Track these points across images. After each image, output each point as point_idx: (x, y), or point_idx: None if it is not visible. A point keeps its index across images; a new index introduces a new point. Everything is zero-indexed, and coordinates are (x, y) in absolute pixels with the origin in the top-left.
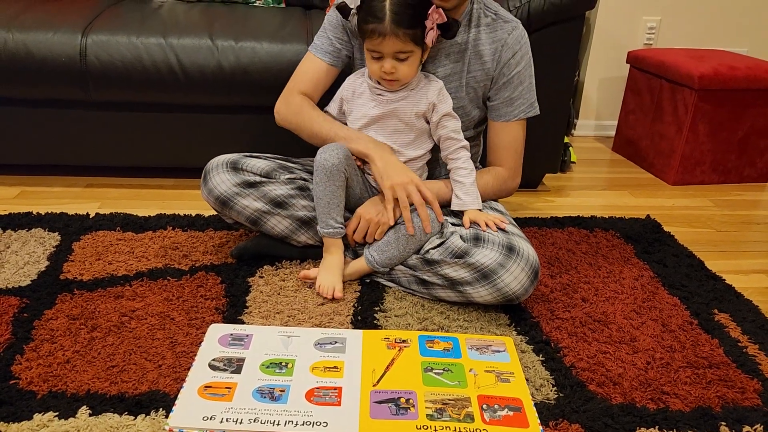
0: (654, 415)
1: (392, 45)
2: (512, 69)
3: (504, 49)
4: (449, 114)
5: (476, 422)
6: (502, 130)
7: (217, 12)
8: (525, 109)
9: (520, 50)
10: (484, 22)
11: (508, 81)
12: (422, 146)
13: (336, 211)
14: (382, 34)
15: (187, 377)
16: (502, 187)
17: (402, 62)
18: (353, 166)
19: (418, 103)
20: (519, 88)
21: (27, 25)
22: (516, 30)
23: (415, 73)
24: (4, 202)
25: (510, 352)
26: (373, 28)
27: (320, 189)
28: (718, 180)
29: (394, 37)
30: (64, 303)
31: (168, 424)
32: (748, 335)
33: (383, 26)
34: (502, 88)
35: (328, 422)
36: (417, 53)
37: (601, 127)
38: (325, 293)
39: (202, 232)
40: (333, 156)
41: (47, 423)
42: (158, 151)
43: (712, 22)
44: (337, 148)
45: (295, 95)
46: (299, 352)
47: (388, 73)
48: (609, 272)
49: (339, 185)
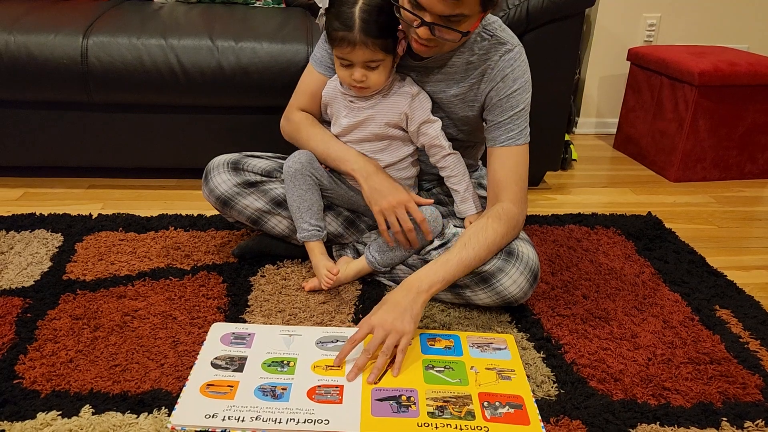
0: (655, 411)
1: (362, 54)
2: (501, 93)
3: (495, 72)
4: (427, 121)
5: (477, 420)
6: (499, 156)
7: (217, 13)
8: (515, 135)
9: (512, 73)
10: (478, 45)
11: (497, 104)
12: (398, 152)
13: (308, 214)
14: (352, 43)
15: (190, 375)
16: (516, 230)
17: (372, 71)
18: (321, 167)
19: (388, 113)
20: (509, 112)
21: (28, 27)
22: (509, 53)
23: (387, 81)
24: (7, 203)
25: (511, 350)
26: (342, 36)
27: (289, 195)
28: (719, 176)
29: (363, 47)
30: (67, 303)
31: (170, 422)
32: (749, 331)
33: (352, 35)
34: (491, 112)
35: (330, 420)
36: (388, 61)
37: (602, 125)
38: (326, 282)
39: (203, 232)
40: (295, 162)
41: (50, 422)
42: (160, 151)
43: (713, 18)
44: (300, 154)
45: (294, 112)
46: (301, 351)
47: (358, 82)
48: (610, 269)
49: (306, 188)
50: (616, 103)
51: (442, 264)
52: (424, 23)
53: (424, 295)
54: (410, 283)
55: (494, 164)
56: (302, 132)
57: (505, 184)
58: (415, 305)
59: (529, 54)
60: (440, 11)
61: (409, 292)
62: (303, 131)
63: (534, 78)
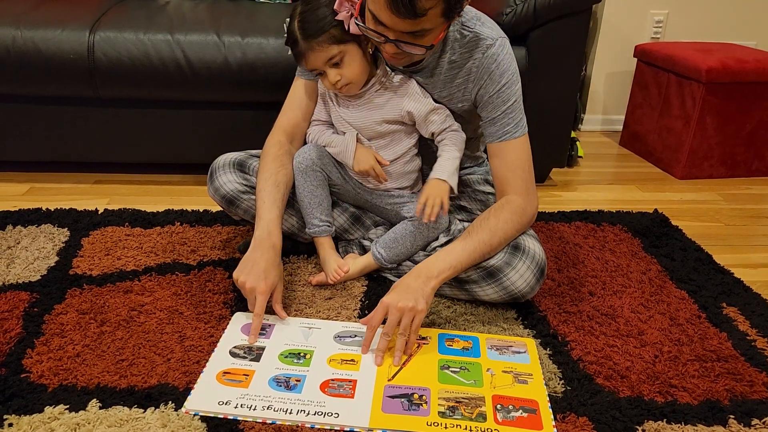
0: (662, 408)
1: (316, 58)
2: (491, 89)
3: (481, 70)
4: (433, 110)
5: (488, 422)
6: (499, 152)
7: (224, 8)
8: (511, 129)
9: (497, 69)
10: (459, 43)
11: (488, 101)
12: (401, 145)
13: (319, 209)
14: (302, 54)
15: (208, 362)
16: (522, 219)
17: (341, 66)
18: (330, 163)
19: (386, 112)
20: (502, 107)
21: (35, 22)
22: (492, 48)
23: (365, 68)
24: (13, 198)
25: (531, 354)
26: (296, 53)
27: (300, 190)
28: (726, 174)
29: (312, 52)
30: (73, 298)
31: (185, 407)
32: (756, 328)
33: (300, 47)
34: (484, 109)
35: (340, 413)
36: (351, 49)
37: (609, 122)
38: (334, 278)
39: (209, 228)
40: (305, 158)
41: (58, 416)
42: (166, 147)
43: (720, 15)
44: (309, 150)
45: (274, 136)
46: (319, 344)
47: (336, 83)
48: (616, 266)
49: (317, 184)
50: (622, 100)
51: (448, 252)
52: (388, 40)
53: (434, 281)
54: (419, 269)
55: (495, 160)
56: (261, 172)
57: (509, 179)
58: (426, 287)
59: (535, 50)
60: (402, 29)
61: (419, 276)
62: (261, 173)
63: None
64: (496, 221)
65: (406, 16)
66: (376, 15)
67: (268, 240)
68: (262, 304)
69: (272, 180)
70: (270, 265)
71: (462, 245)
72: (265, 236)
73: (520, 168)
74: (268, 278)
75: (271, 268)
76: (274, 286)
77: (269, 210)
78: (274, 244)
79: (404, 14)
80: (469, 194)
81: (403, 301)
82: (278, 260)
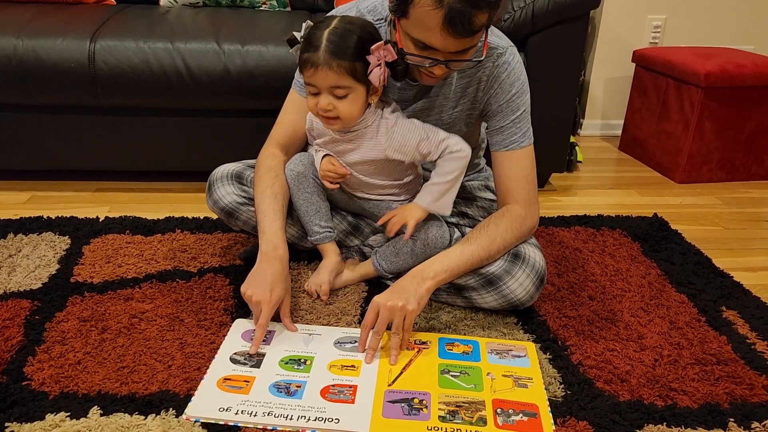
0: (662, 412)
1: (325, 77)
2: (500, 98)
3: (491, 79)
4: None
5: (489, 426)
6: (504, 161)
7: (224, 16)
8: (518, 139)
9: (507, 78)
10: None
11: (497, 110)
12: (390, 170)
13: (317, 216)
14: (315, 64)
15: (209, 369)
16: (522, 228)
17: (341, 99)
18: None
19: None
20: (511, 116)
21: (36, 31)
22: (502, 57)
23: (359, 115)
24: (15, 206)
25: (531, 358)
26: (307, 58)
27: (295, 199)
28: (725, 178)
29: (327, 68)
30: (74, 305)
31: (185, 413)
32: (756, 332)
33: (317, 56)
34: (492, 118)
35: (340, 419)
36: (359, 91)
37: (608, 127)
38: (311, 292)
39: (210, 235)
40: (297, 164)
41: (59, 423)
42: (166, 155)
43: (718, 20)
44: (301, 157)
45: (268, 148)
46: (319, 350)
47: (325, 111)
48: (616, 270)
49: (311, 191)
50: (621, 104)
51: (445, 255)
52: (437, 62)
53: (429, 282)
54: (415, 270)
55: (500, 169)
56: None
57: (512, 189)
58: (419, 288)
59: (534, 56)
60: (453, 48)
61: (414, 277)
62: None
63: (539, 79)
64: (496, 229)
65: (463, 35)
66: (423, 41)
67: (274, 253)
68: (267, 317)
69: (269, 192)
70: (277, 278)
71: (460, 249)
72: (270, 249)
73: (524, 178)
74: (275, 291)
75: (278, 281)
76: (280, 300)
77: (271, 222)
78: (280, 256)
79: (461, 33)
80: (471, 201)
81: (393, 300)
82: (285, 272)
